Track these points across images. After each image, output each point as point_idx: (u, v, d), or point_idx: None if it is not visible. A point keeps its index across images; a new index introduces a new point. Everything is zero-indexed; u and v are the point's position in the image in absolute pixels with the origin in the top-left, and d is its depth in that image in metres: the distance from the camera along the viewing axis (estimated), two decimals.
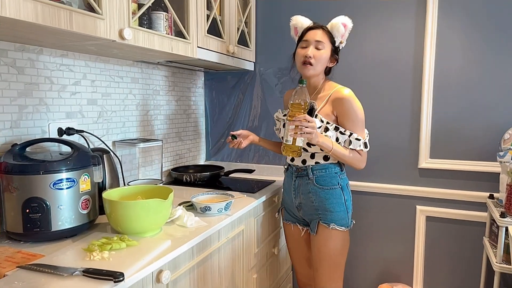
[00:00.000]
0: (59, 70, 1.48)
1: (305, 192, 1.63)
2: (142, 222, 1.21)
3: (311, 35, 1.56)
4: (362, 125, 1.58)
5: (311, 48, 1.54)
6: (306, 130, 1.42)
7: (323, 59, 1.56)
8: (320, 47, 1.54)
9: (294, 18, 1.67)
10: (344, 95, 1.54)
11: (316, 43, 1.54)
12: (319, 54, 1.54)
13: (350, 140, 1.55)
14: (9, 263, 1.01)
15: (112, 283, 0.91)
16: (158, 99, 2.06)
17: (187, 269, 1.24)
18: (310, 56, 1.53)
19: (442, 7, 1.87)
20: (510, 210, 1.55)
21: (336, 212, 1.60)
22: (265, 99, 2.32)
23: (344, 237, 1.63)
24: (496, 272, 1.56)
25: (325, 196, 1.60)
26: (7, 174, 1.14)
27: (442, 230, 2.00)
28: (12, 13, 0.94)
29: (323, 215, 1.60)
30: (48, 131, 1.44)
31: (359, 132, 1.56)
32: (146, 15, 1.46)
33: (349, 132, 1.55)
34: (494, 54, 1.82)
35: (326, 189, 1.60)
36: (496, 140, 1.81)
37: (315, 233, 1.63)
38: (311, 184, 1.61)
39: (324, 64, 1.58)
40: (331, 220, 1.59)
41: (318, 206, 1.61)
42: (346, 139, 1.55)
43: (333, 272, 1.64)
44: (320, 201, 1.60)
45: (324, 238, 1.61)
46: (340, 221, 1.60)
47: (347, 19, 1.58)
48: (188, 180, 2.02)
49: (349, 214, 1.64)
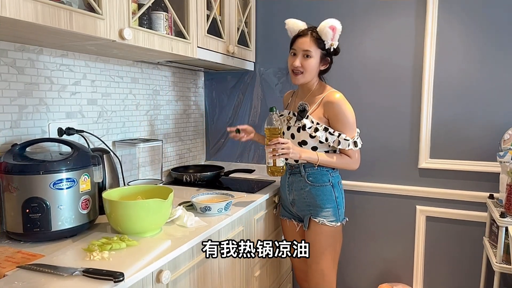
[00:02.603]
0: (59, 70, 1.48)
1: (298, 189, 1.69)
2: (142, 222, 1.21)
3: (298, 43, 1.60)
4: (352, 127, 1.62)
5: (299, 58, 1.59)
6: (282, 152, 1.53)
7: (312, 67, 1.60)
8: (308, 55, 1.58)
9: (287, 22, 1.69)
10: (335, 99, 1.59)
11: (304, 52, 1.58)
12: (307, 63, 1.59)
13: (339, 141, 1.59)
14: (9, 263, 1.01)
15: (112, 283, 0.91)
16: (158, 99, 2.06)
17: (187, 269, 1.24)
18: (298, 66, 1.59)
19: (442, 7, 1.87)
20: (510, 210, 1.55)
21: (326, 208, 1.64)
22: (265, 99, 2.32)
23: (335, 233, 1.66)
24: (496, 272, 1.56)
25: (316, 192, 1.64)
26: (7, 174, 1.14)
27: (442, 230, 2.00)
28: (12, 13, 0.94)
29: (314, 211, 1.66)
30: (48, 131, 1.44)
31: (348, 133, 1.60)
32: (146, 15, 1.46)
33: (337, 133, 1.60)
34: (494, 54, 1.81)
35: (317, 186, 1.65)
36: (496, 140, 1.81)
37: (307, 229, 1.69)
38: (303, 181, 1.66)
39: (314, 70, 1.62)
40: (321, 216, 1.64)
41: (309, 202, 1.66)
42: (335, 139, 1.60)
43: (326, 267, 1.66)
44: (311, 197, 1.65)
45: (315, 233, 1.66)
46: (331, 217, 1.64)
47: (335, 21, 1.57)
48: (188, 180, 2.02)
49: (340, 211, 1.67)
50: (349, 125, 1.60)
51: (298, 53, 1.60)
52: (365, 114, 2.07)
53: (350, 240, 2.18)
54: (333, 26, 1.55)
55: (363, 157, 2.08)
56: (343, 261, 2.21)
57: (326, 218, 1.64)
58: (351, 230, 2.15)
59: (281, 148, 1.53)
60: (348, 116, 1.60)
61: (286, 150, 1.53)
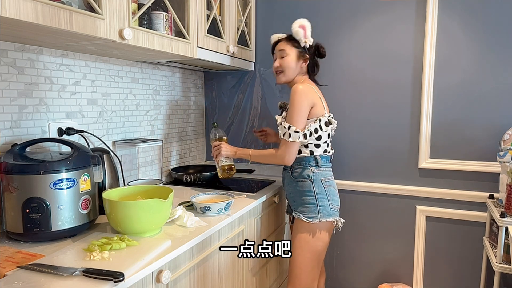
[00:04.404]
0: (59, 70, 1.48)
1: (286, 184, 1.76)
2: (142, 222, 1.21)
3: (276, 47, 1.75)
4: (295, 118, 1.59)
5: (277, 59, 1.73)
6: (215, 153, 1.80)
7: (289, 64, 1.70)
8: (284, 55, 1.70)
9: (271, 38, 1.81)
10: (293, 89, 1.63)
11: (280, 52, 1.72)
12: (283, 61, 1.70)
13: (283, 126, 1.62)
14: (9, 263, 1.01)
15: (112, 283, 0.91)
16: (158, 99, 2.06)
17: (187, 269, 1.24)
18: (277, 66, 1.72)
19: (442, 7, 1.87)
20: (510, 210, 1.55)
21: (305, 204, 1.65)
22: (265, 99, 2.32)
23: (313, 230, 1.63)
24: (496, 272, 1.56)
25: (296, 187, 1.69)
26: (7, 174, 1.14)
27: (442, 230, 2.00)
28: (12, 13, 0.94)
29: (295, 205, 1.70)
30: (48, 131, 1.44)
31: (290, 122, 1.60)
32: (146, 15, 1.46)
33: (283, 119, 1.65)
34: (494, 54, 1.81)
35: (297, 181, 1.68)
36: (496, 140, 1.81)
37: (292, 223, 1.75)
38: (289, 177, 1.72)
39: (292, 67, 1.70)
40: (299, 211, 1.67)
41: (293, 198, 1.71)
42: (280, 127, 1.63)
43: (302, 264, 1.64)
44: (294, 192, 1.70)
45: (295, 228, 1.69)
46: (308, 213, 1.64)
47: (304, 20, 1.67)
48: (188, 180, 2.02)
49: (322, 208, 1.63)
50: (294, 114, 1.59)
51: (276, 56, 1.74)
52: (365, 114, 2.07)
53: (350, 240, 2.18)
54: (302, 25, 1.66)
55: (364, 157, 2.10)
56: (343, 261, 2.22)
57: (303, 214, 1.64)
58: (351, 230, 2.15)
59: (214, 150, 1.79)
60: (294, 104, 1.59)
61: (218, 150, 1.78)
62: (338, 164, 1.98)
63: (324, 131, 1.64)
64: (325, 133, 1.65)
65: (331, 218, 1.65)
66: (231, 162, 1.83)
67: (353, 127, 2.10)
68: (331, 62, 2.08)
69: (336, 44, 2.09)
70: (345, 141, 2.10)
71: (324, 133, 1.65)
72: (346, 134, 2.10)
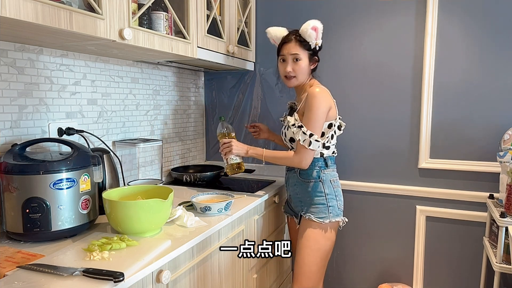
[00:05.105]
0: (59, 70, 1.48)
1: (292, 185, 1.73)
2: (142, 222, 1.21)
3: (286, 49, 1.65)
4: (314, 123, 1.58)
5: (289, 63, 1.64)
6: (225, 150, 1.71)
7: (303, 69, 1.65)
8: (297, 59, 1.63)
9: (268, 31, 1.75)
10: (310, 93, 1.60)
11: (293, 56, 1.64)
12: (298, 66, 1.64)
13: (301, 132, 1.59)
14: (9, 263, 1.01)
15: (112, 283, 0.91)
16: (158, 99, 2.06)
17: (187, 269, 1.24)
18: (290, 71, 1.64)
19: (442, 7, 1.87)
20: (510, 210, 1.55)
21: (315, 204, 1.65)
22: (265, 99, 2.32)
23: (323, 231, 1.65)
24: (496, 272, 1.56)
25: (306, 188, 1.67)
26: (7, 174, 1.14)
27: (442, 230, 2.00)
28: (12, 13, 0.94)
29: (305, 206, 1.68)
30: (48, 131, 1.44)
31: (309, 127, 1.58)
32: (146, 15, 1.46)
33: (301, 124, 1.60)
34: (494, 54, 1.81)
35: (307, 182, 1.67)
36: (496, 140, 1.81)
37: (299, 224, 1.72)
38: (296, 177, 1.70)
39: (305, 72, 1.66)
40: (309, 211, 1.66)
41: (301, 198, 1.70)
42: (298, 131, 1.60)
43: (310, 263, 1.64)
44: (302, 193, 1.69)
45: (303, 229, 1.67)
46: (319, 214, 1.64)
47: (316, 21, 1.61)
48: (188, 180, 2.02)
49: (332, 209, 1.65)
50: (312, 119, 1.58)
51: (287, 59, 1.65)
52: (365, 114, 2.07)
53: (350, 240, 2.18)
54: (315, 27, 1.61)
55: (363, 157, 2.10)
56: (343, 261, 2.22)
57: (314, 214, 1.64)
58: (351, 230, 2.15)
59: (224, 148, 1.70)
60: (313, 110, 1.57)
61: (228, 148, 1.69)
62: (338, 164, 1.97)
63: (336, 135, 1.69)
64: (336, 136, 1.69)
65: (339, 218, 1.68)
66: (240, 160, 1.78)
67: (353, 128, 2.09)
68: (331, 62, 2.08)
69: (336, 44, 2.09)
70: (345, 142, 2.10)
71: (335, 136, 1.69)
72: (346, 135, 2.09)
